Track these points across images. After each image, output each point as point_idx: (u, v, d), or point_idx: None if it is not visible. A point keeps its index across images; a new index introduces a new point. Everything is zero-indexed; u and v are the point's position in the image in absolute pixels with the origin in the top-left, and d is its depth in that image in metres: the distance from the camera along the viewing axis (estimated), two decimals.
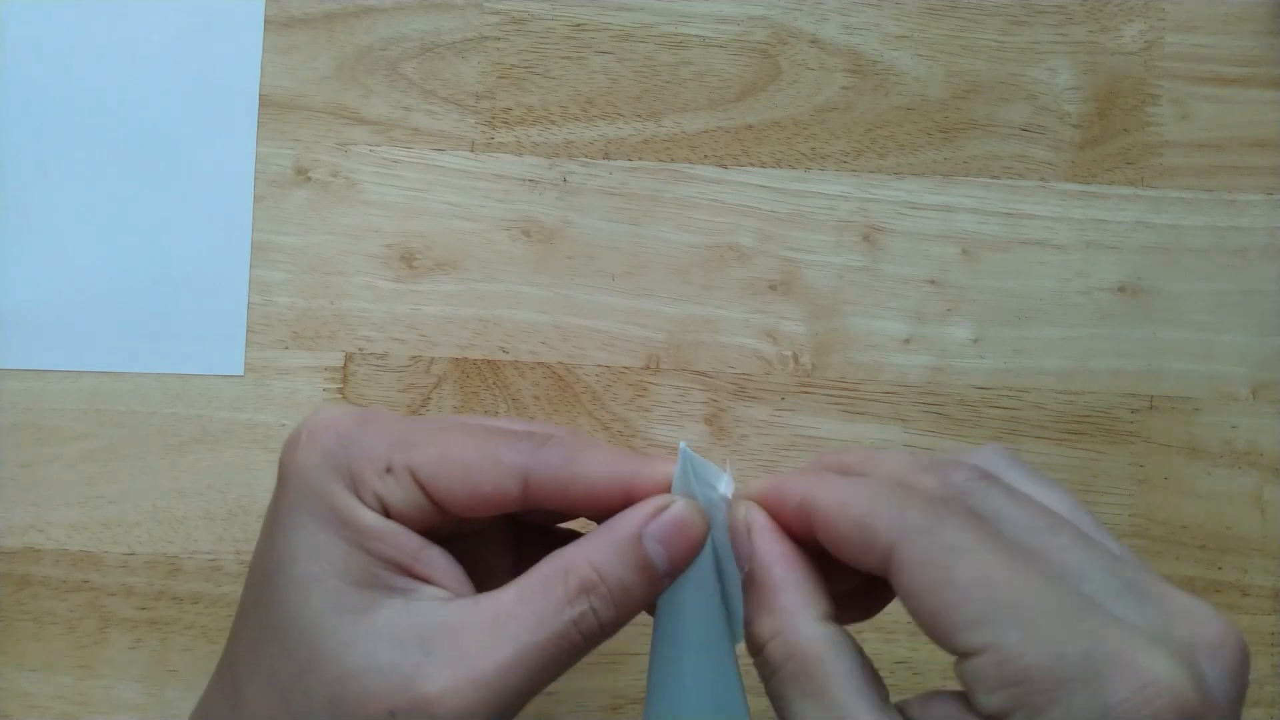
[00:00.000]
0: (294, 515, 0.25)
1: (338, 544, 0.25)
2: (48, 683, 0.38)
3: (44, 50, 0.39)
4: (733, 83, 0.40)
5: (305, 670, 0.24)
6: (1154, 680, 0.19)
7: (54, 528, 0.38)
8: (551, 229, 0.39)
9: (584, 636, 0.25)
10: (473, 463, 0.26)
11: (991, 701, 0.20)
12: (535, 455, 0.26)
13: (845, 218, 0.40)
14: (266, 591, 0.26)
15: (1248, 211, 0.40)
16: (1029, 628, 0.20)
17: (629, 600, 0.25)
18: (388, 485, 0.25)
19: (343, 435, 0.26)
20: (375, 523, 0.25)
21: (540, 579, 0.25)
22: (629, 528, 0.25)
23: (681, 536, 0.25)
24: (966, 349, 0.40)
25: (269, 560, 0.26)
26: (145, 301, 0.39)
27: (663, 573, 0.25)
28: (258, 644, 0.26)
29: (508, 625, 0.24)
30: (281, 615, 0.25)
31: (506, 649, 0.24)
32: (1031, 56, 0.40)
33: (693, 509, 0.26)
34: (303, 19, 0.40)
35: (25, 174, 0.39)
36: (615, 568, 0.25)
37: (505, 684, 0.24)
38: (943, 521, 0.22)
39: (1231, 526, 0.39)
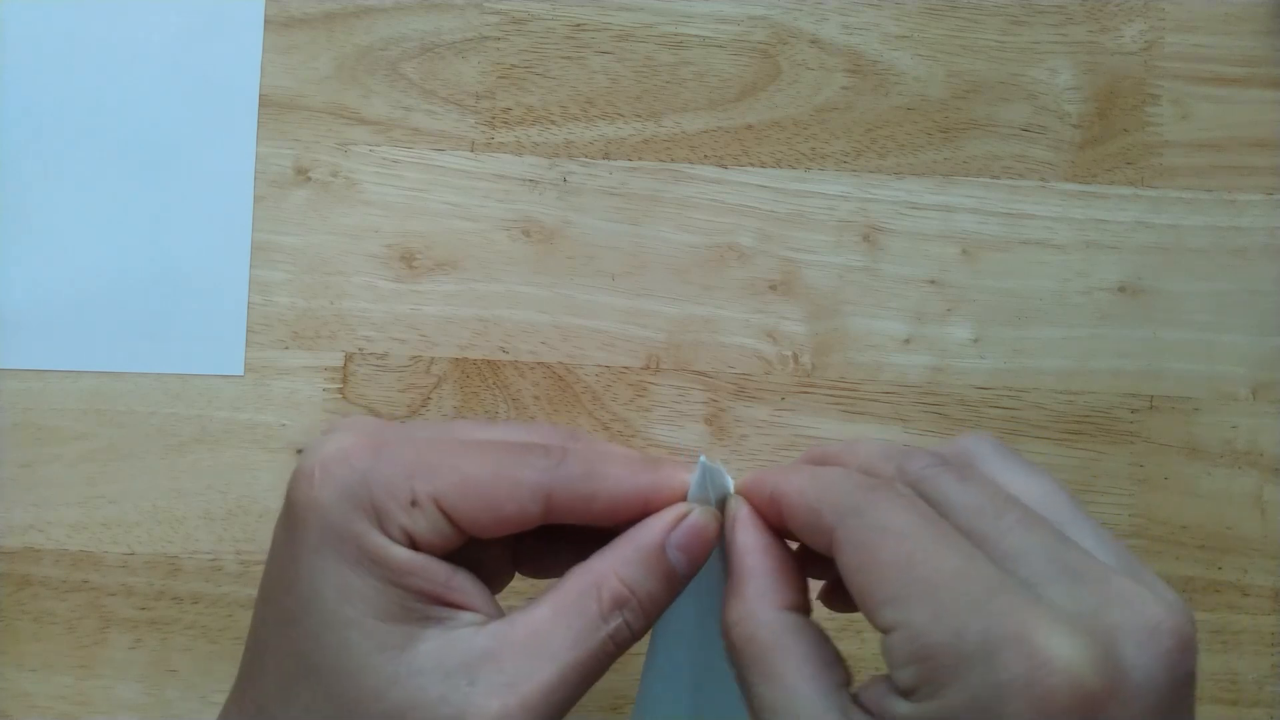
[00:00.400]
0: (319, 555, 0.25)
1: (369, 582, 0.25)
2: (48, 683, 0.38)
3: (44, 50, 0.39)
4: (733, 83, 0.40)
5: (351, 711, 0.24)
6: (1048, 660, 0.19)
7: (54, 528, 0.38)
8: (551, 229, 0.39)
9: (618, 648, 0.25)
10: (493, 486, 0.26)
11: (903, 675, 0.21)
12: (555, 474, 0.26)
13: (845, 218, 0.40)
14: (296, 632, 0.25)
15: (1248, 211, 0.40)
16: (936, 606, 0.21)
17: (656, 608, 0.26)
18: (414, 519, 0.25)
19: (358, 467, 0.26)
20: (406, 558, 0.25)
21: (572, 595, 0.25)
22: (653, 539, 0.26)
23: (700, 542, 0.26)
24: (966, 349, 0.40)
25: (294, 600, 0.25)
26: (145, 301, 0.39)
27: (681, 577, 0.26)
28: (290, 685, 0.25)
29: (546, 645, 0.25)
30: (318, 657, 0.25)
31: (549, 670, 0.24)
32: (1031, 56, 0.40)
33: (709, 515, 0.27)
34: (303, 19, 0.40)
35: (25, 174, 0.39)
36: (644, 580, 0.26)
37: (550, 702, 0.24)
38: (876, 504, 0.23)
39: (1231, 526, 0.39)
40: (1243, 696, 0.39)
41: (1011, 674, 0.20)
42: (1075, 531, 0.23)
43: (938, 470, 0.25)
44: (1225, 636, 0.39)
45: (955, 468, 0.25)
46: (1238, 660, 0.39)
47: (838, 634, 0.39)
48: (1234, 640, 0.39)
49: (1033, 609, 0.21)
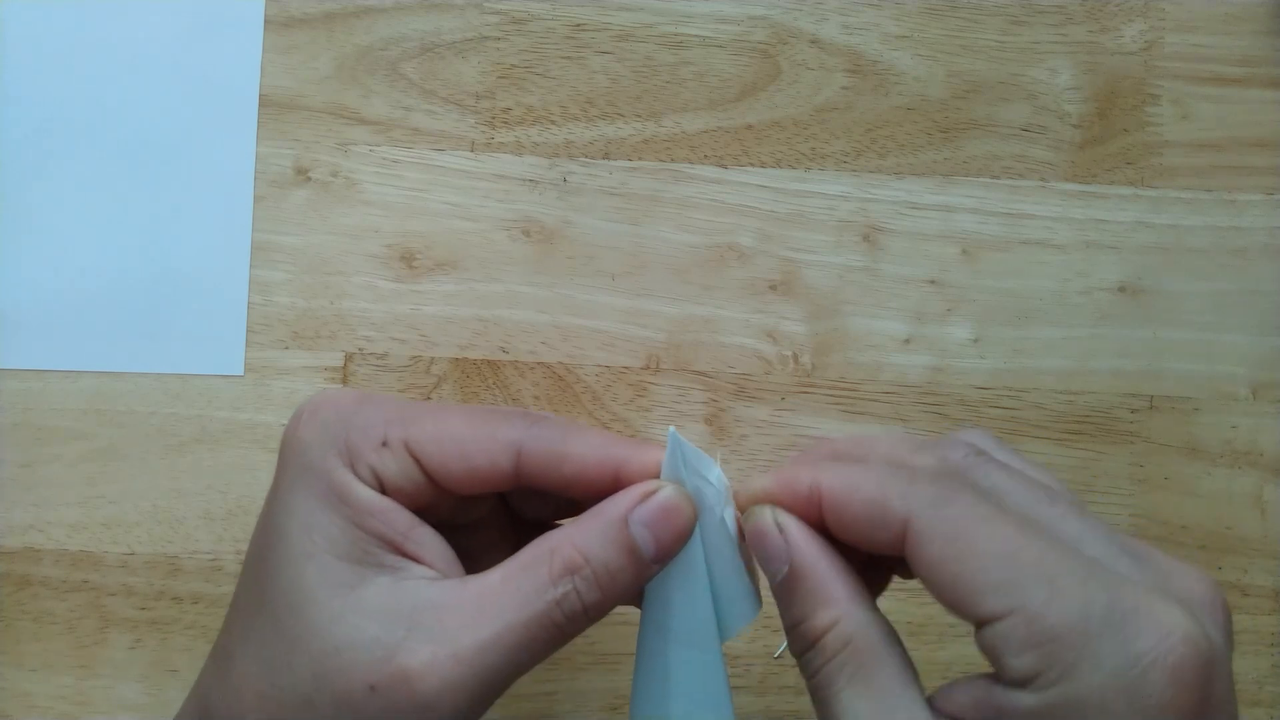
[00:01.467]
0: (291, 491, 0.26)
1: (332, 520, 0.25)
2: (48, 683, 0.38)
3: (44, 50, 0.39)
4: (733, 83, 0.40)
5: (293, 644, 0.25)
6: (1174, 629, 0.20)
7: (54, 528, 0.38)
8: (551, 229, 0.39)
9: (567, 618, 0.25)
10: (467, 438, 0.26)
11: (1022, 663, 0.21)
12: (528, 431, 0.26)
13: (845, 218, 0.40)
14: (261, 566, 0.26)
15: (1248, 211, 0.40)
16: (1052, 588, 0.21)
17: (614, 583, 0.25)
18: (384, 459, 0.26)
19: (342, 412, 0.26)
20: (370, 499, 0.25)
21: (525, 560, 0.25)
22: (615, 511, 0.25)
23: (669, 522, 0.26)
24: (966, 349, 0.40)
25: (265, 535, 0.26)
26: (145, 301, 0.39)
27: (650, 559, 0.26)
28: (250, 618, 0.26)
29: (491, 604, 0.25)
30: (274, 590, 0.25)
31: (488, 627, 0.24)
32: (1031, 56, 0.40)
33: (681, 495, 0.26)
34: (303, 19, 0.40)
35: (25, 174, 0.39)
36: (600, 550, 0.25)
37: (485, 662, 0.24)
38: (955, 494, 0.23)
39: (1231, 526, 0.39)
40: (1243, 696, 0.39)
41: (1146, 645, 0.20)
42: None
43: (982, 461, 0.25)
44: None
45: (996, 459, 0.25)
46: (1238, 660, 0.39)
47: None
48: (1234, 640, 0.39)
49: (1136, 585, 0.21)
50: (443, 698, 0.24)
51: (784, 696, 0.38)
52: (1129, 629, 0.20)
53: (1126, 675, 0.20)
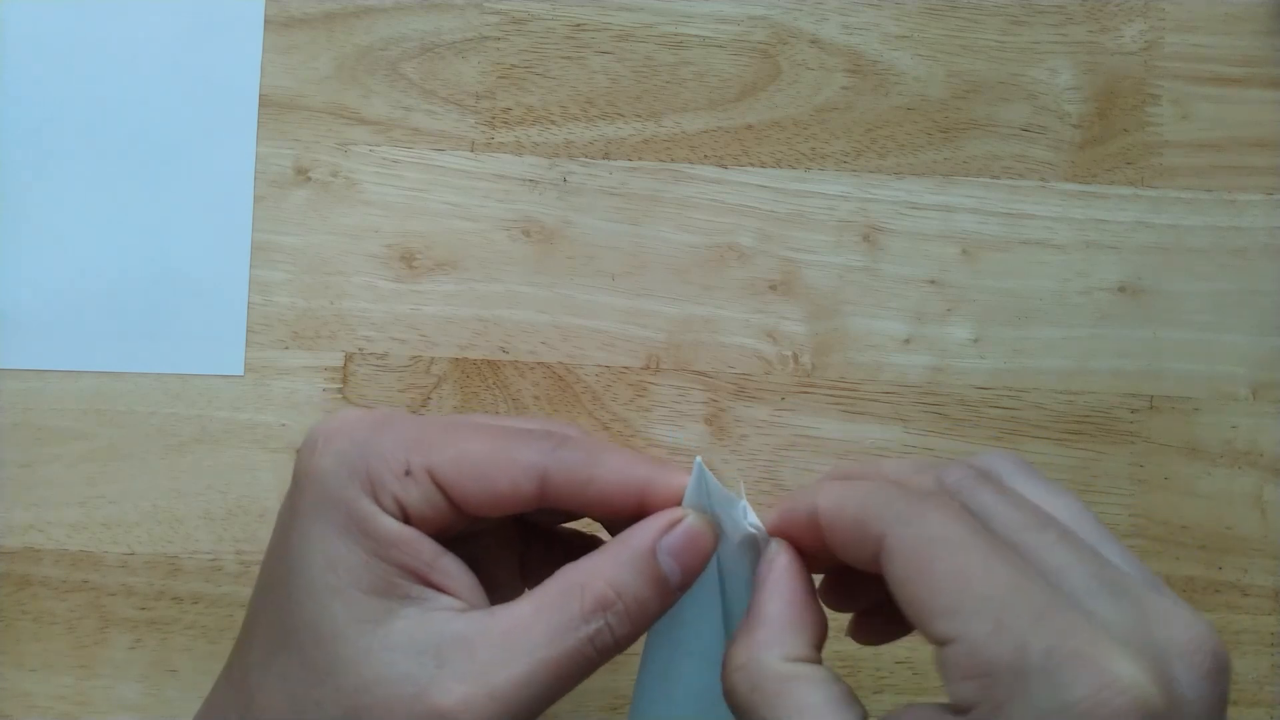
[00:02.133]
0: (311, 522, 0.25)
1: (355, 552, 0.25)
2: (48, 683, 0.38)
3: (44, 50, 0.39)
4: (733, 83, 0.40)
5: (321, 680, 0.24)
6: (1115, 679, 0.19)
7: (54, 528, 0.38)
8: (551, 229, 0.39)
9: (598, 652, 0.25)
10: (490, 462, 0.26)
11: (961, 691, 0.21)
12: (553, 456, 0.26)
13: (845, 218, 0.40)
14: (282, 598, 0.25)
15: (1248, 211, 0.40)
16: (997, 621, 0.20)
17: (644, 615, 0.25)
18: (406, 488, 0.25)
19: (359, 439, 0.26)
20: (393, 530, 0.25)
21: (556, 593, 0.25)
22: (645, 542, 0.25)
23: (694, 549, 0.26)
24: (966, 349, 0.40)
25: (284, 566, 0.26)
26: (145, 301, 0.39)
27: (674, 586, 0.26)
28: (272, 651, 0.25)
29: (523, 639, 0.24)
30: (298, 624, 0.25)
31: (521, 664, 0.24)
32: (1031, 56, 0.40)
33: (705, 523, 0.26)
34: (303, 19, 0.40)
35: (25, 174, 0.39)
36: (631, 584, 0.25)
37: (519, 698, 0.24)
38: (927, 514, 0.23)
39: (1231, 526, 0.39)
40: (1243, 696, 0.39)
41: (1079, 694, 0.19)
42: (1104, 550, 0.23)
43: (977, 482, 0.24)
44: (1225, 636, 0.39)
45: (993, 481, 0.24)
46: (1238, 660, 0.39)
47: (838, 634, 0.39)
48: (1234, 640, 0.39)
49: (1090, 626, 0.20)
50: None
51: None
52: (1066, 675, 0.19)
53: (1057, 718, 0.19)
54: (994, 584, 0.21)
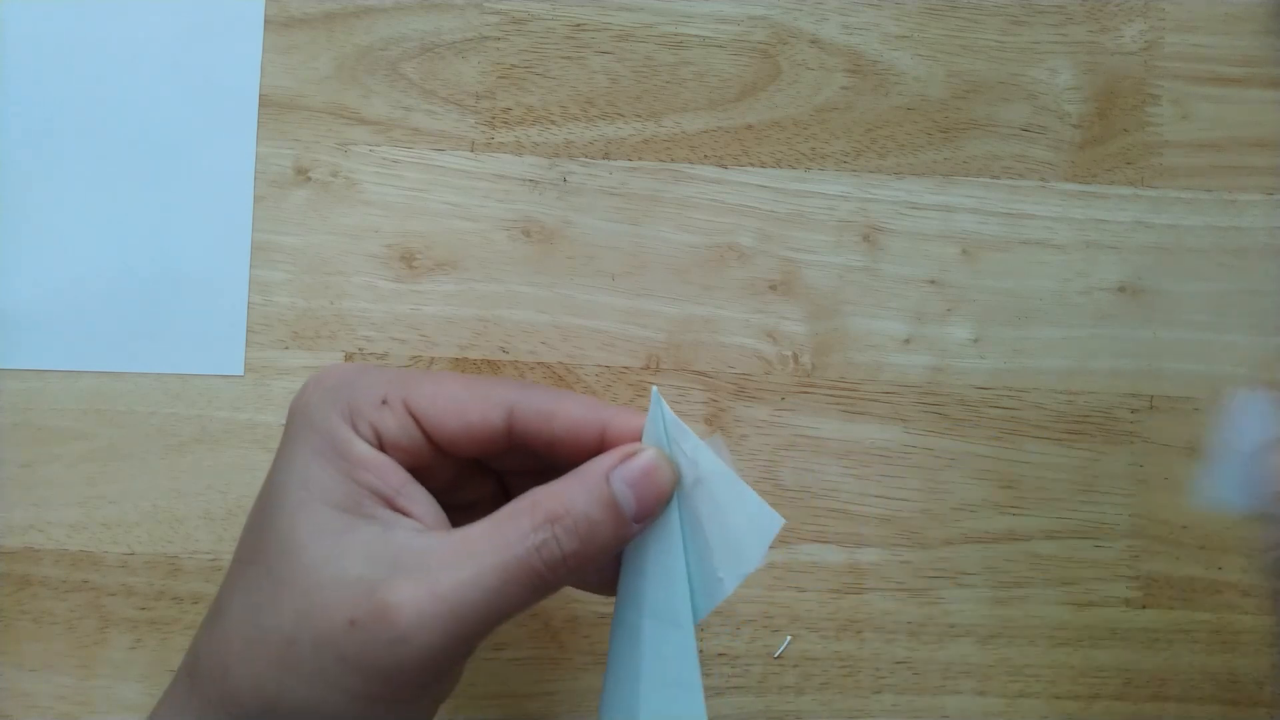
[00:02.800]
0: (292, 448, 0.27)
1: (328, 472, 0.26)
2: (48, 683, 0.38)
3: (44, 50, 0.39)
4: (733, 83, 0.40)
5: (279, 586, 0.26)
6: None
7: (54, 528, 0.38)
8: (551, 229, 0.39)
9: (545, 564, 0.26)
10: (462, 394, 0.28)
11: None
12: (521, 392, 0.28)
13: (845, 218, 0.40)
14: (258, 520, 0.27)
15: (1248, 211, 0.40)
16: None
17: (593, 535, 0.26)
18: (383, 416, 0.27)
19: (346, 377, 0.28)
20: (366, 453, 0.27)
21: (508, 511, 0.27)
22: (598, 468, 0.27)
23: (649, 482, 0.27)
24: (966, 349, 0.40)
25: (265, 493, 0.27)
26: (145, 301, 0.39)
27: (630, 516, 0.27)
28: (243, 568, 0.27)
29: (473, 549, 0.26)
30: (268, 538, 0.26)
31: (468, 569, 0.25)
32: (1031, 56, 0.40)
33: (661, 458, 0.27)
34: (303, 19, 0.40)
35: (25, 174, 0.39)
36: (581, 502, 0.26)
37: (464, 599, 0.25)
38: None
39: (1231, 526, 0.39)
40: (1243, 696, 0.39)
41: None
42: None
43: None
44: (1225, 636, 0.39)
45: None
46: (1238, 660, 0.39)
47: (837, 634, 0.39)
48: (1234, 640, 0.39)
49: None
50: (419, 631, 0.25)
51: (784, 696, 0.38)
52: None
53: None
54: None
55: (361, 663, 0.25)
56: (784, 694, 0.38)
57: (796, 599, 0.39)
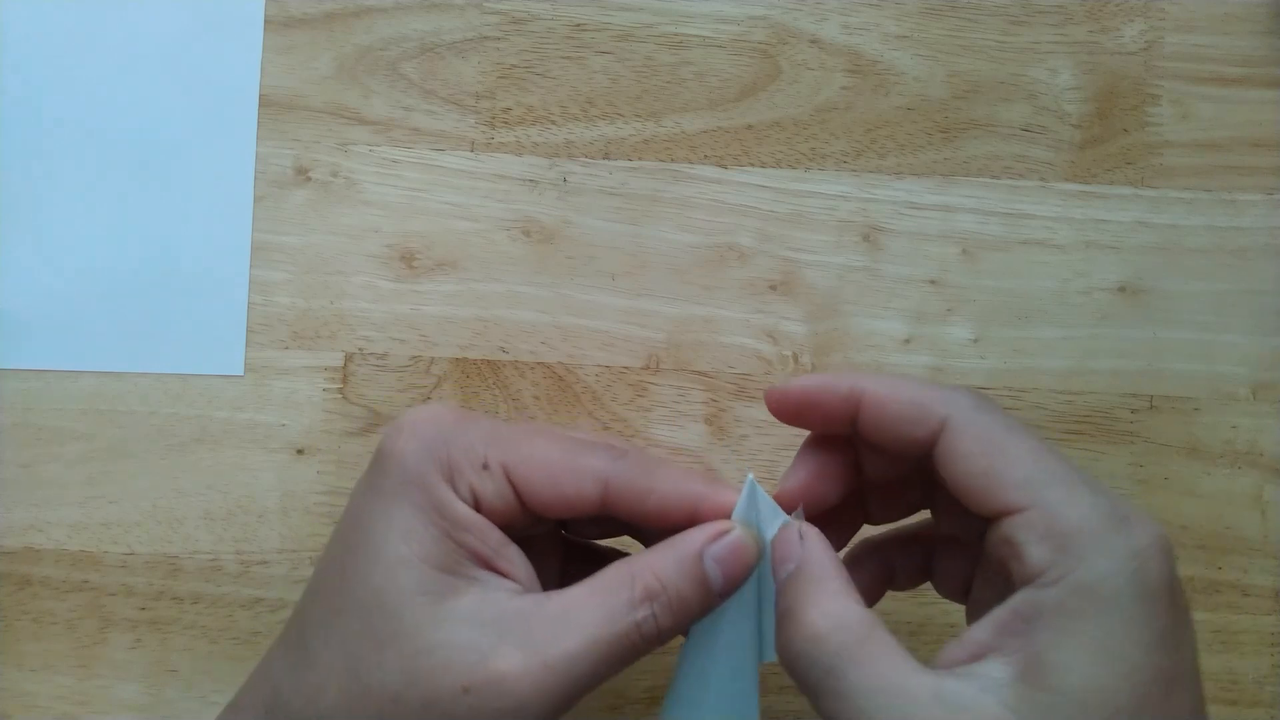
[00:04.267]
0: (390, 498, 0.27)
1: (429, 530, 0.27)
2: (48, 683, 0.38)
3: (44, 50, 0.39)
4: (733, 83, 0.40)
5: (384, 644, 0.26)
6: (1158, 530, 0.24)
7: (54, 528, 0.38)
8: (551, 229, 0.39)
9: (643, 639, 0.27)
10: (560, 466, 0.28)
11: (1040, 552, 0.24)
12: (615, 465, 0.28)
13: (845, 218, 0.40)
14: (351, 566, 0.27)
15: (1248, 211, 0.40)
16: (1069, 491, 0.25)
17: (685, 611, 0.27)
18: (483, 480, 0.27)
19: (443, 429, 0.28)
20: (466, 515, 0.27)
21: (610, 581, 0.27)
22: (692, 546, 0.27)
23: (737, 560, 0.28)
24: (966, 349, 0.40)
25: (356, 536, 0.27)
26: (145, 301, 0.39)
27: (716, 591, 0.27)
28: (335, 615, 0.27)
29: (577, 618, 0.26)
30: (365, 591, 0.26)
31: (575, 639, 0.26)
32: (1031, 56, 0.40)
33: (750, 536, 0.28)
34: (303, 19, 0.40)
35: (25, 174, 0.39)
36: (676, 580, 0.27)
37: (572, 671, 0.26)
38: (992, 407, 0.27)
39: (1231, 526, 0.39)
40: (1243, 696, 0.39)
41: (1144, 541, 0.24)
42: None
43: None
44: (1225, 636, 0.39)
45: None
46: (1238, 660, 0.39)
47: None
48: (1234, 640, 0.39)
49: (1120, 498, 0.25)
50: (533, 702, 0.25)
51: (784, 696, 0.38)
52: (1130, 529, 0.24)
53: (1131, 564, 0.24)
54: (1056, 464, 0.25)
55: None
56: (784, 694, 0.38)
57: None
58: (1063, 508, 0.24)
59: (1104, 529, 0.24)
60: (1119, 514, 0.24)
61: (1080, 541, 0.24)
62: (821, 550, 0.27)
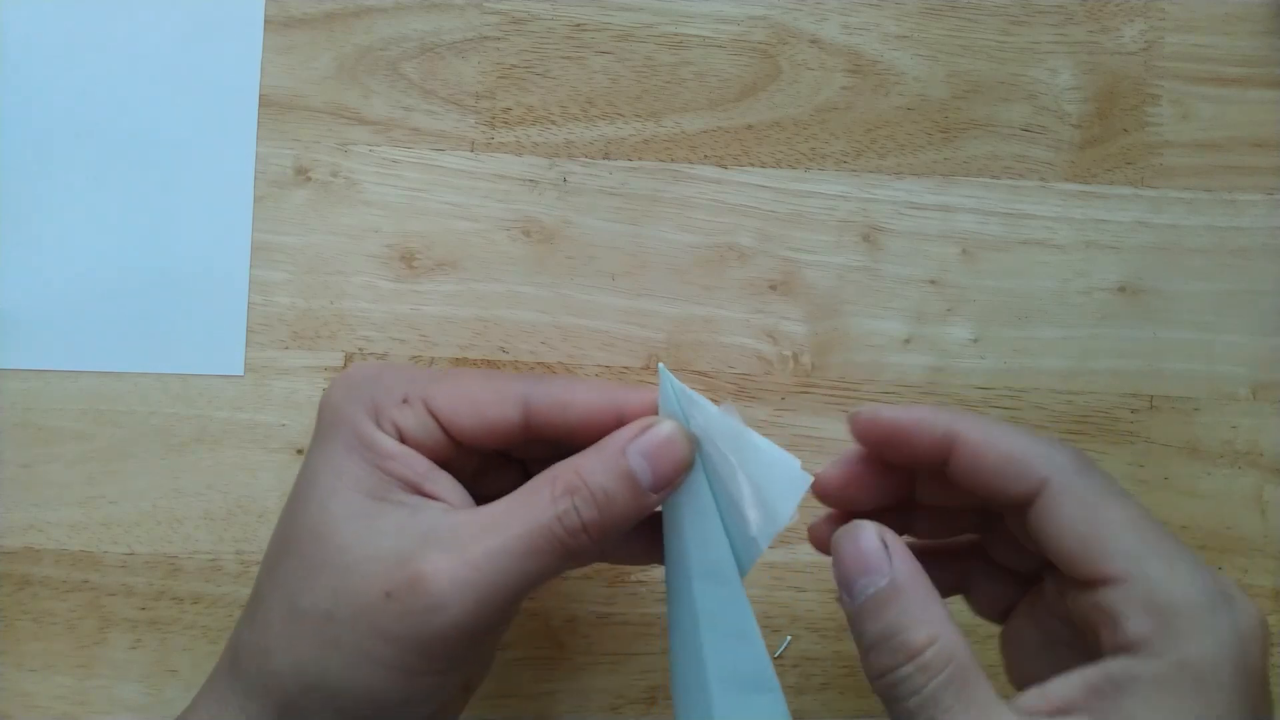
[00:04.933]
0: (324, 442, 0.28)
1: (358, 463, 0.28)
2: (48, 683, 0.38)
3: (44, 50, 0.39)
4: (733, 83, 0.40)
5: (316, 570, 0.27)
6: (1257, 611, 0.25)
7: (54, 528, 0.38)
8: (551, 229, 0.39)
9: (568, 532, 0.27)
10: (479, 391, 0.29)
11: (1139, 625, 0.24)
12: (535, 384, 0.29)
13: (845, 218, 0.40)
14: (291, 512, 0.28)
15: (1248, 211, 0.40)
16: (1171, 564, 0.25)
17: (610, 505, 0.27)
18: (404, 414, 0.28)
19: (369, 376, 0.29)
20: (391, 445, 0.28)
21: (531, 486, 0.28)
22: (614, 443, 0.28)
23: (665, 454, 0.28)
24: (966, 349, 0.40)
25: (297, 487, 0.28)
26: (145, 301, 0.39)
27: (648, 487, 0.27)
28: (279, 560, 0.28)
29: (499, 521, 0.27)
30: (301, 528, 0.27)
31: (496, 538, 0.26)
32: (1031, 56, 0.40)
33: (677, 429, 0.28)
34: (303, 19, 0.40)
35: (25, 174, 0.39)
36: (598, 475, 0.27)
37: (495, 566, 0.26)
38: (1093, 468, 0.26)
39: (1231, 526, 0.39)
40: None
41: (1248, 622, 0.24)
42: None
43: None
44: None
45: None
46: None
47: (838, 634, 0.39)
48: None
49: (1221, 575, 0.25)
50: (453, 597, 0.26)
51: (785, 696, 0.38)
52: (1234, 608, 0.24)
53: (1234, 645, 0.24)
54: (1159, 535, 0.25)
55: (398, 633, 0.26)
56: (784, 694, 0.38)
57: (796, 599, 0.39)
58: (1166, 582, 0.24)
59: (1208, 608, 0.24)
60: (1223, 593, 0.25)
61: (1185, 618, 0.24)
62: (914, 566, 0.26)
